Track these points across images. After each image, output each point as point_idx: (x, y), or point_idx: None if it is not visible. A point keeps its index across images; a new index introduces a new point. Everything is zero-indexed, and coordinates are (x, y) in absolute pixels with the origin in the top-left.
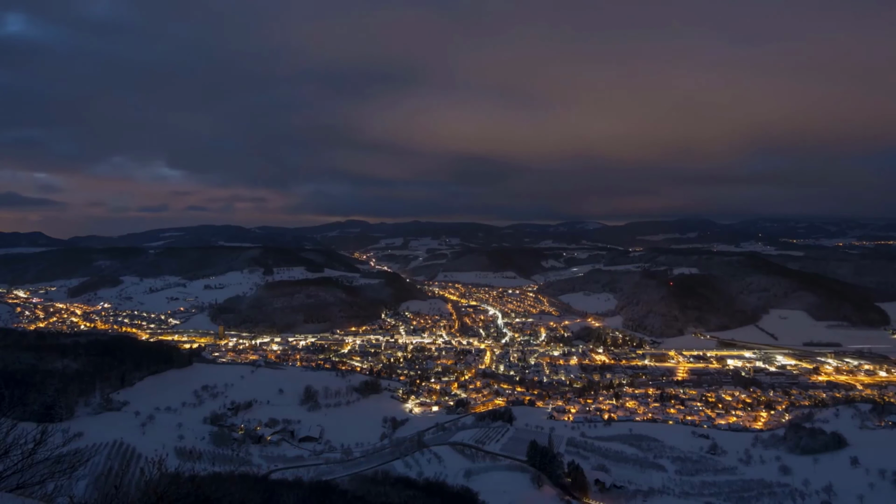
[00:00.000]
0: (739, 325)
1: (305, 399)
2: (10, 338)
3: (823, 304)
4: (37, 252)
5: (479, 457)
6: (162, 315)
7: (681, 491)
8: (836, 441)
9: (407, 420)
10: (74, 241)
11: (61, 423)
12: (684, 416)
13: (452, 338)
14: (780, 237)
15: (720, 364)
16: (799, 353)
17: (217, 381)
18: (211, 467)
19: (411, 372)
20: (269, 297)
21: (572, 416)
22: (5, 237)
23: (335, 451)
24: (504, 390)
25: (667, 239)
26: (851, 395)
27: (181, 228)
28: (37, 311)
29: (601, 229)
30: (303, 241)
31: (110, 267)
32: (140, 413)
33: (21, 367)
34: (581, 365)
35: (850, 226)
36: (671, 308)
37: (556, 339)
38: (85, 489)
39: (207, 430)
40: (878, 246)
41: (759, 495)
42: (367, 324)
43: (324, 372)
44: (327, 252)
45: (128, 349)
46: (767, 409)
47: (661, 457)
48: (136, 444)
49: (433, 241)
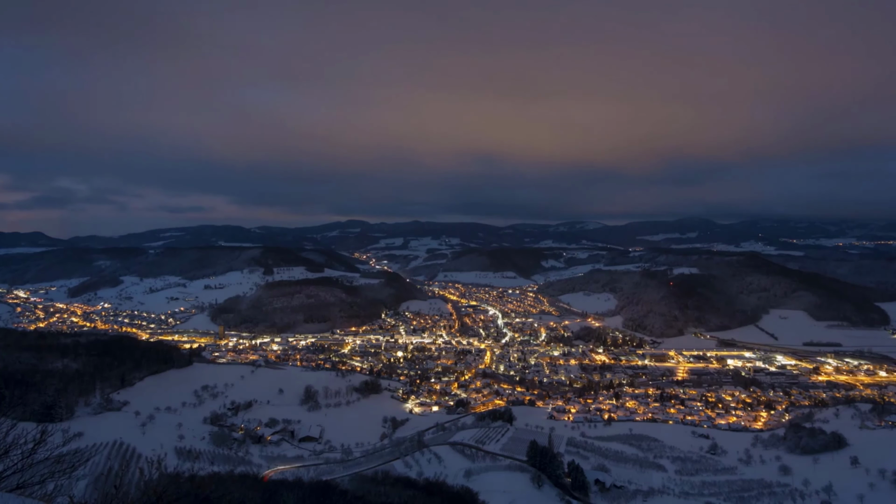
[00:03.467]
0: (739, 325)
1: (305, 399)
2: (10, 338)
3: (823, 304)
4: (37, 252)
5: (479, 457)
6: (162, 315)
7: (681, 491)
8: (836, 441)
9: (407, 420)
10: (74, 241)
11: (61, 423)
12: (684, 416)
13: (452, 338)
14: (780, 237)
15: (720, 364)
16: (799, 353)
17: (217, 381)
18: (211, 467)
19: (411, 372)
20: (269, 297)
21: (572, 416)
22: (5, 237)
23: (335, 451)
24: (504, 390)
25: (667, 239)
26: (851, 395)
27: (181, 228)
28: (37, 311)
29: (601, 229)
30: (303, 241)
31: (110, 267)
32: (140, 413)
33: (21, 367)
34: (581, 365)
35: (850, 226)
36: (671, 308)
37: (556, 339)
38: (85, 489)
39: (207, 430)
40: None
41: (759, 495)
42: (367, 324)
43: (324, 372)
44: (327, 252)
45: (128, 349)
46: (767, 409)
47: (661, 457)
48: (136, 444)
49: (433, 241)
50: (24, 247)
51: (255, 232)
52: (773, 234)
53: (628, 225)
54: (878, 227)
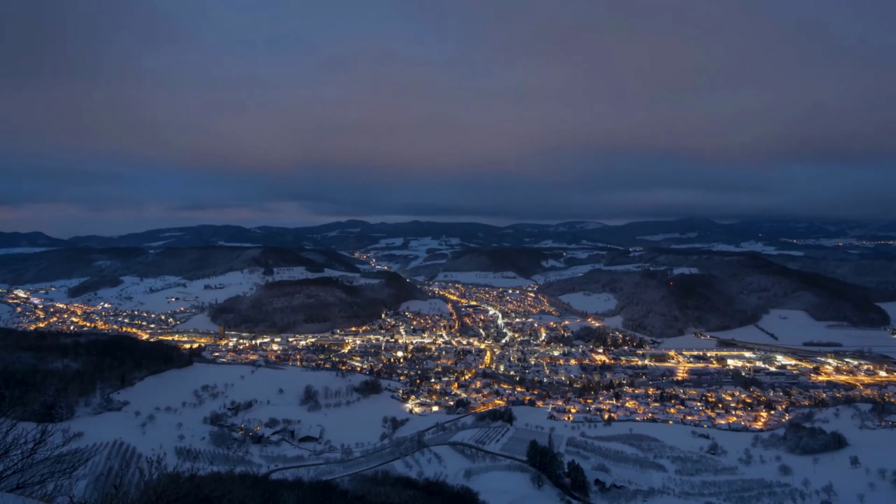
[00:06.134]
0: (739, 325)
1: (305, 399)
2: (10, 338)
3: (823, 304)
4: (37, 252)
5: (479, 457)
6: (162, 315)
7: (681, 491)
8: (836, 441)
9: (407, 420)
10: (74, 241)
11: (61, 423)
12: (684, 416)
13: (452, 338)
14: (780, 237)
15: (720, 364)
16: (799, 353)
17: (217, 381)
18: (211, 467)
19: (411, 372)
20: (269, 297)
21: (572, 416)
22: (5, 237)
23: (335, 451)
24: (504, 390)
25: (667, 239)
26: (851, 395)
27: (181, 228)
28: (37, 311)
29: (601, 229)
30: (303, 240)
31: (110, 267)
32: (140, 413)
33: (21, 367)
34: (581, 365)
35: (850, 226)
36: (671, 308)
37: (556, 339)
38: (85, 489)
39: (207, 430)
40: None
41: (759, 495)
42: (367, 324)
43: (324, 372)
44: (327, 252)
45: (128, 349)
46: (767, 409)
47: (661, 457)
48: (136, 444)
49: (433, 241)
50: (24, 247)
51: (255, 232)
52: (773, 234)
53: (628, 225)
54: (878, 227)
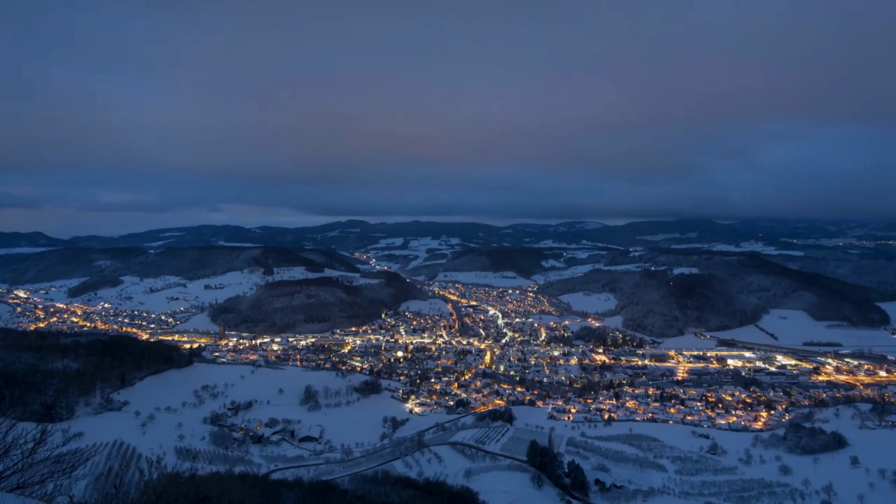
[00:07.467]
0: (739, 324)
1: (305, 399)
2: (10, 338)
3: (823, 304)
4: (37, 252)
5: (479, 457)
6: (162, 315)
7: (681, 491)
8: (836, 441)
9: (407, 420)
10: (74, 241)
11: (61, 423)
12: (684, 416)
13: (452, 338)
14: (780, 237)
15: (720, 364)
16: (799, 353)
17: (217, 381)
18: (210, 467)
19: (411, 372)
20: (269, 297)
21: (572, 416)
22: (5, 237)
23: (335, 451)
24: (504, 390)
25: (667, 239)
26: (851, 395)
27: (181, 228)
28: (37, 311)
29: (601, 229)
30: (303, 240)
31: (110, 267)
32: (140, 413)
33: (21, 367)
34: (581, 365)
35: (850, 226)
36: (671, 308)
37: (556, 339)
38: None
39: (207, 430)
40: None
41: (759, 495)
42: (367, 324)
43: (324, 372)
44: (327, 252)
45: (128, 349)
46: (767, 409)
47: (661, 457)
48: (136, 444)
49: (433, 241)
50: (24, 247)
51: (255, 232)
52: (773, 234)
53: (628, 225)
54: (878, 227)
